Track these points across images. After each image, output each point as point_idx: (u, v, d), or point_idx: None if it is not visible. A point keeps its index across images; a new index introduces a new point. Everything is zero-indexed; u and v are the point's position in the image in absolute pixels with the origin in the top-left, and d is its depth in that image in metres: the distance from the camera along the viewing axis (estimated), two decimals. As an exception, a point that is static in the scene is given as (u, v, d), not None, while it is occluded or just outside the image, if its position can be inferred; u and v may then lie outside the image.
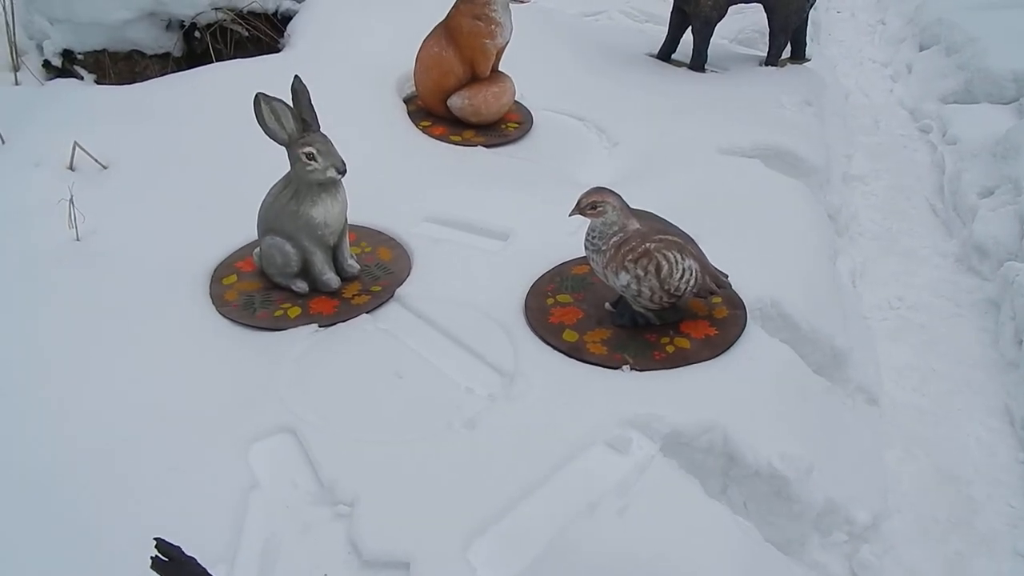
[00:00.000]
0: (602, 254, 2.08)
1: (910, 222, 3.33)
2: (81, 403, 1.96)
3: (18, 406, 1.94)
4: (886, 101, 4.31)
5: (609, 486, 1.76)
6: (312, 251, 2.27)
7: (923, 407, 2.46)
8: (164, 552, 1.19)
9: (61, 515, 1.68)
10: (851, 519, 1.95)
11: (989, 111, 3.77)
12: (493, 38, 3.04)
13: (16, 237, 2.53)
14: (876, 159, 3.75)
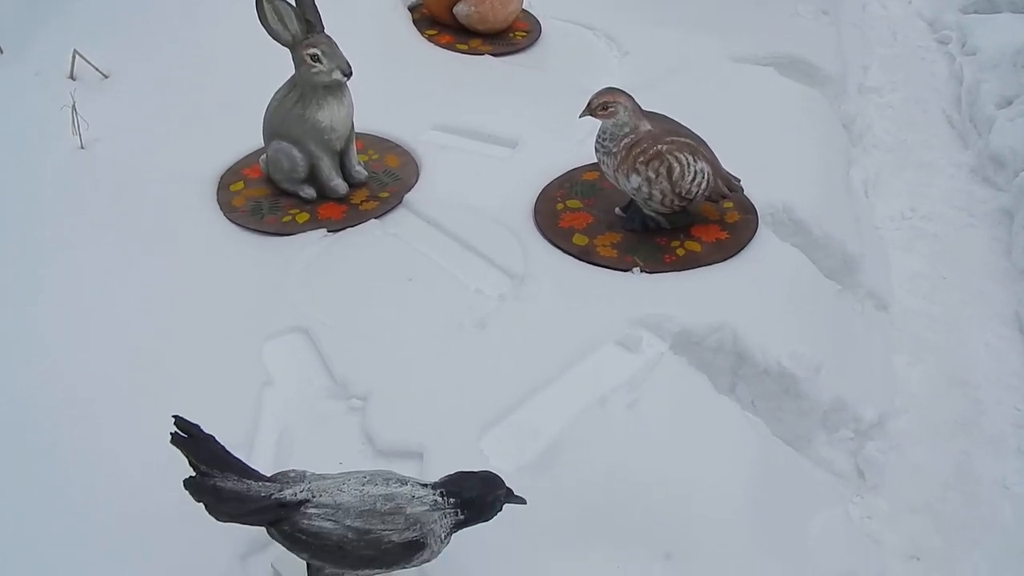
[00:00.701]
0: (613, 156, 2.06)
1: (925, 133, 3.28)
2: (98, 308, 1.97)
3: (38, 312, 1.96)
4: (904, 13, 4.20)
5: (619, 382, 1.78)
6: (319, 156, 2.25)
7: (933, 314, 2.46)
8: (183, 429, 1.22)
9: (88, 410, 1.72)
10: (858, 417, 1.98)
11: (1011, 21, 3.67)
12: (500, -60, 2.95)
13: (20, 146, 2.51)
14: (892, 70, 3.67)
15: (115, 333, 1.91)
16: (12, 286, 2.03)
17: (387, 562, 1.26)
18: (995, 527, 1.89)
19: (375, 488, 1.26)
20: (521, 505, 1.36)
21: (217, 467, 1.22)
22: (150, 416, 1.58)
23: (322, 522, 1.22)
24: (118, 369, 1.81)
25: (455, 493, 1.28)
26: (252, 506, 1.21)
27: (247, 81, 2.55)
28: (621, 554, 1.51)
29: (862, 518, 1.87)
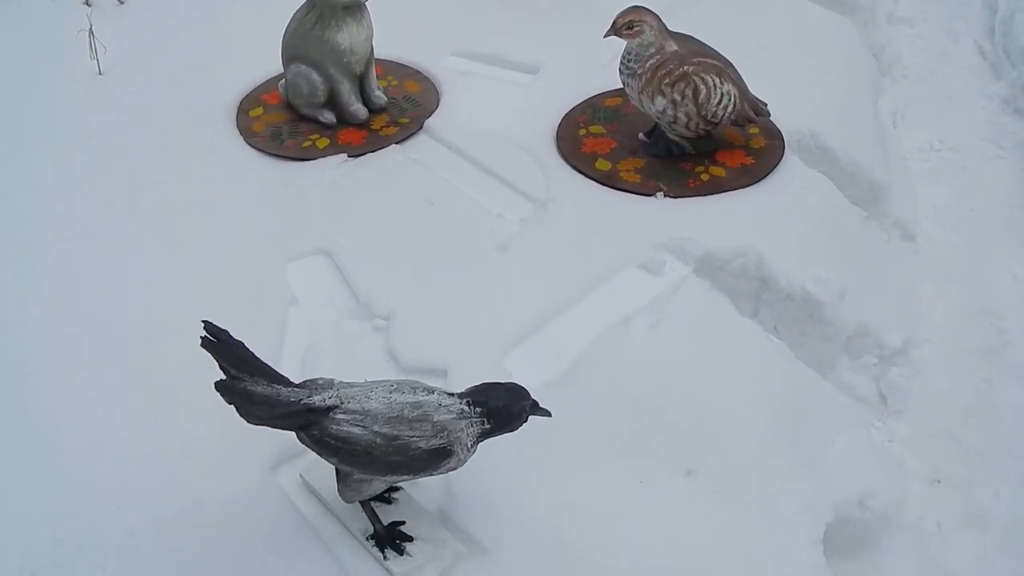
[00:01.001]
0: (638, 78, 2.02)
1: (956, 64, 3.19)
2: (122, 229, 1.99)
3: (64, 233, 1.98)
4: (938, -60, 4.05)
5: (642, 303, 1.78)
6: (338, 80, 2.22)
7: (959, 245, 2.43)
8: (212, 333, 1.23)
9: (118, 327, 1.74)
10: (882, 343, 1.98)
11: (1050, -53, 3.53)
12: None
13: (37, 73, 2.51)
14: (924, 1, 3.55)
15: (140, 254, 1.92)
16: (39, 207, 2.05)
17: (414, 469, 1.28)
18: (1016, 454, 1.90)
19: (403, 396, 1.27)
20: (546, 418, 1.37)
21: (247, 371, 1.23)
22: (178, 332, 1.61)
23: (351, 428, 1.23)
24: (144, 288, 1.83)
25: (481, 403, 1.29)
26: (282, 410, 1.23)
27: (265, 3, 2.52)
28: (644, 469, 1.52)
29: (884, 442, 1.87)
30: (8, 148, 2.25)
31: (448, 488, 1.44)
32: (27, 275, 1.88)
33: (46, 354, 1.70)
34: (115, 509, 1.42)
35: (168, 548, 1.36)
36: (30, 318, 1.77)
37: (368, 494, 1.33)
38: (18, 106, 2.40)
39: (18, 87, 2.47)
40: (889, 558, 1.66)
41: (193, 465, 1.48)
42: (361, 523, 1.37)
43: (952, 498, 1.81)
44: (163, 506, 1.42)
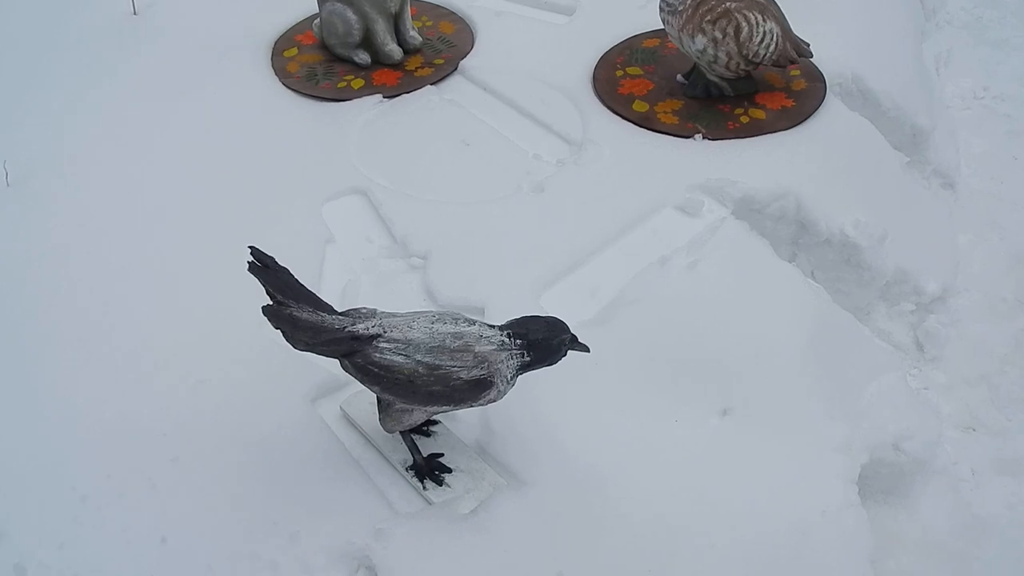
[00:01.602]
0: (678, 15, 1.97)
1: (1002, 10, 3.08)
2: (161, 168, 1.99)
3: (106, 172, 1.99)
4: None
5: (680, 244, 1.76)
6: (374, 19, 2.19)
7: (1001, 194, 2.38)
8: (259, 259, 1.23)
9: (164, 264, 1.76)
10: (920, 290, 1.95)
11: None
12: None
13: (72, 11, 2.50)
14: (972, -56, 3.42)
15: (179, 191, 1.93)
16: (81, 144, 2.06)
17: (455, 399, 1.28)
18: (1053, 402, 1.88)
19: (444, 326, 1.27)
20: (583, 354, 1.36)
21: (293, 298, 1.23)
22: (221, 264, 1.62)
23: (393, 356, 1.24)
24: (185, 223, 1.84)
25: (522, 335, 1.28)
26: (327, 336, 1.23)
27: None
28: (679, 408, 1.52)
29: (920, 388, 1.86)
30: (48, 85, 2.25)
31: (486, 422, 1.44)
32: (73, 204, 1.89)
33: (92, 282, 1.71)
34: (160, 436, 1.45)
35: (211, 475, 1.39)
36: (80, 247, 1.79)
37: (409, 424, 1.34)
38: (57, 44, 2.39)
39: (55, 28, 2.46)
40: (922, 501, 1.66)
41: (236, 396, 1.50)
42: (400, 454, 1.39)
43: (987, 445, 1.80)
44: (206, 436, 1.44)
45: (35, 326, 1.64)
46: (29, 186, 1.94)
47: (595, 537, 1.35)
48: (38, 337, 1.62)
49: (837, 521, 1.43)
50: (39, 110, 2.17)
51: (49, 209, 1.87)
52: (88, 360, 1.57)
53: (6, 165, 1.94)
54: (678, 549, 1.35)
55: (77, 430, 1.45)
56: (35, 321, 1.65)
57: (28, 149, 2.03)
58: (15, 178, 1.94)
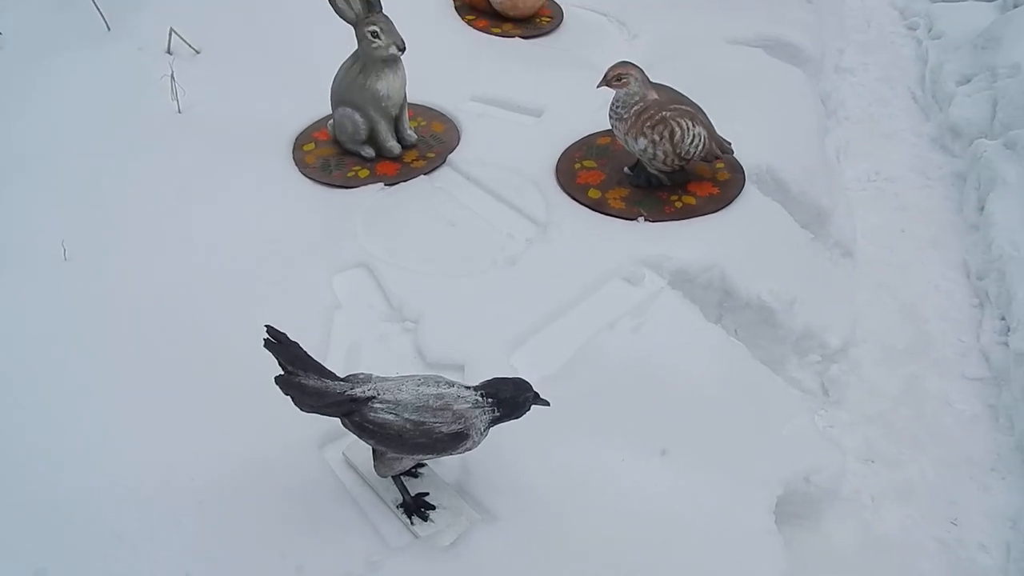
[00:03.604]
0: (624, 121, 2.03)
1: (891, 108, 3.18)
2: (199, 246, 1.99)
3: (151, 250, 1.99)
4: (878, 3, 4.02)
5: (626, 309, 1.78)
6: (377, 120, 2.24)
7: (891, 260, 2.43)
8: (273, 336, 1.25)
9: (193, 324, 1.76)
10: (824, 344, 1.97)
11: (974, 8, 3.52)
12: (530, -64, 2.86)
13: (127, 110, 2.52)
14: (866, 53, 3.54)
15: (210, 264, 1.93)
16: (129, 217, 2.07)
17: (437, 449, 1.29)
18: (939, 437, 1.90)
19: (428, 388, 1.28)
20: (545, 407, 1.38)
21: (301, 368, 1.25)
22: (241, 331, 1.62)
23: (385, 415, 1.25)
24: (215, 292, 1.85)
25: (492, 394, 1.30)
26: (330, 400, 1.24)
27: (317, 55, 2.52)
28: (625, 450, 1.53)
29: (826, 427, 1.88)
30: (104, 172, 2.26)
31: (464, 465, 1.45)
32: (122, 278, 1.89)
33: (136, 343, 1.71)
34: (189, 481, 1.44)
35: (231, 515, 1.38)
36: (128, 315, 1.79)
37: (399, 470, 1.34)
38: (113, 136, 2.41)
39: (111, 122, 2.48)
40: (830, 525, 1.67)
41: (254, 444, 1.50)
42: (393, 494, 1.39)
43: (884, 475, 1.81)
44: (228, 480, 1.43)
45: (85, 381, 1.64)
46: (83, 262, 1.93)
47: (559, 563, 1.35)
48: (86, 389, 1.61)
49: (758, 544, 1.44)
50: (94, 194, 2.17)
51: (100, 284, 1.87)
52: (130, 412, 1.56)
53: (64, 243, 1.94)
54: (626, 569, 1.35)
55: (116, 476, 1.44)
56: (86, 376, 1.65)
57: (84, 228, 2.03)
58: (72, 254, 1.95)
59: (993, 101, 2.80)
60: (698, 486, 1.49)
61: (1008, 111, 2.70)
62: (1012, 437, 1.88)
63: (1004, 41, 3.01)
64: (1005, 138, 2.61)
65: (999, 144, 2.61)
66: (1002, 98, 2.76)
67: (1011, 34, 3.01)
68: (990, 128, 2.74)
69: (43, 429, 1.53)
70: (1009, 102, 2.71)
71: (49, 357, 1.68)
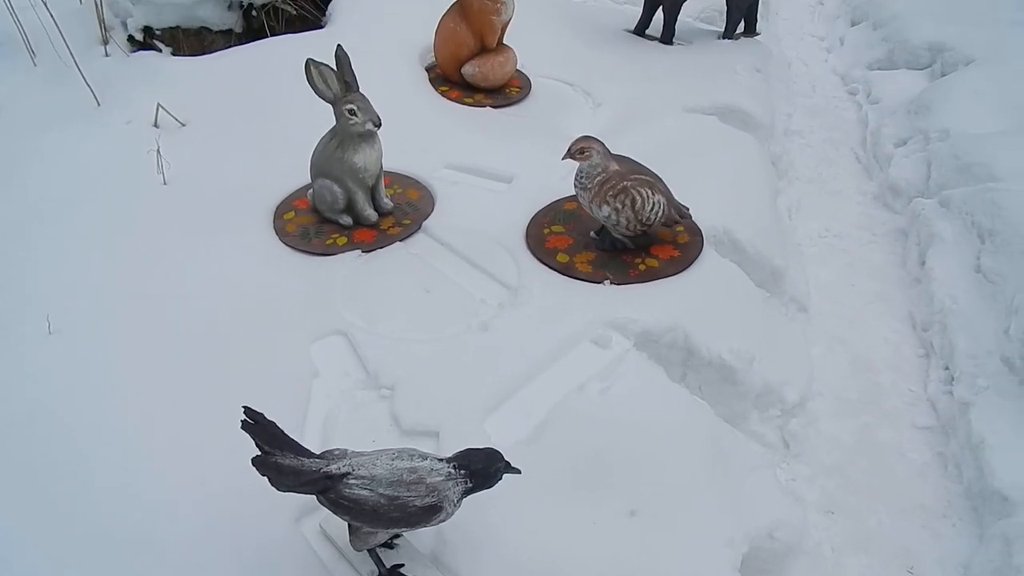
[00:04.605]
0: (588, 191, 2.07)
1: (837, 168, 3.29)
2: (178, 311, 1.98)
3: (127, 305, 1.97)
4: (822, 69, 4.20)
5: (594, 372, 1.79)
6: (355, 191, 2.26)
7: (843, 314, 2.48)
8: (251, 417, 1.23)
9: (170, 394, 1.73)
10: (783, 399, 2.00)
11: (907, 75, 3.68)
12: (499, 14, 2.95)
13: (114, 182, 2.52)
14: (812, 116, 3.67)
15: (193, 335, 1.91)
16: (112, 291, 2.04)
17: (411, 523, 1.27)
18: (893, 486, 1.92)
19: (402, 463, 1.27)
20: (517, 475, 1.37)
21: (277, 447, 1.23)
22: (221, 402, 1.60)
23: (360, 491, 1.23)
24: (195, 361, 1.82)
25: (464, 466, 1.29)
26: (305, 479, 1.22)
27: (297, 128, 2.55)
28: (595, 512, 1.52)
29: (787, 480, 1.89)
30: (89, 245, 2.25)
31: (440, 534, 1.43)
32: (106, 351, 1.86)
33: (120, 416, 1.67)
34: (163, 554, 1.40)
35: (211, 588, 1.34)
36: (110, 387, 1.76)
37: (374, 543, 1.32)
38: (98, 210, 2.40)
39: (99, 195, 2.47)
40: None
41: (235, 515, 1.46)
42: (369, 566, 1.36)
43: (843, 525, 1.82)
44: (203, 551, 1.40)
45: (71, 452, 1.60)
46: (68, 336, 1.90)
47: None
48: (73, 463, 1.57)
49: (725, 603, 1.43)
50: (81, 267, 2.15)
51: (84, 358, 1.84)
52: (110, 481, 1.52)
53: (49, 317, 1.91)
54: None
55: (84, 550, 1.40)
56: (71, 448, 1.60)
57: (69, 301, 2.01)
58: (57, 327, 1.92)
59: (927, 162, 2.91)
60: (666, 546, 1.48)
61: (941, 172, 2.81)
62: (961, 484, 1.91)
63: (933, 107, 3.15)
64: (940, 197, 2.71)
65: (935, 203, 2.71)
66: (935, 160, 2.88)
67: (939, 101, 3.16)
68: (926, 187, 2.84)
69: (11, 497, 1.48)
70: (941, 164, 2.83)
71: (28, 433, 1.64)
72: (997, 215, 2.43)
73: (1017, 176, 2.56)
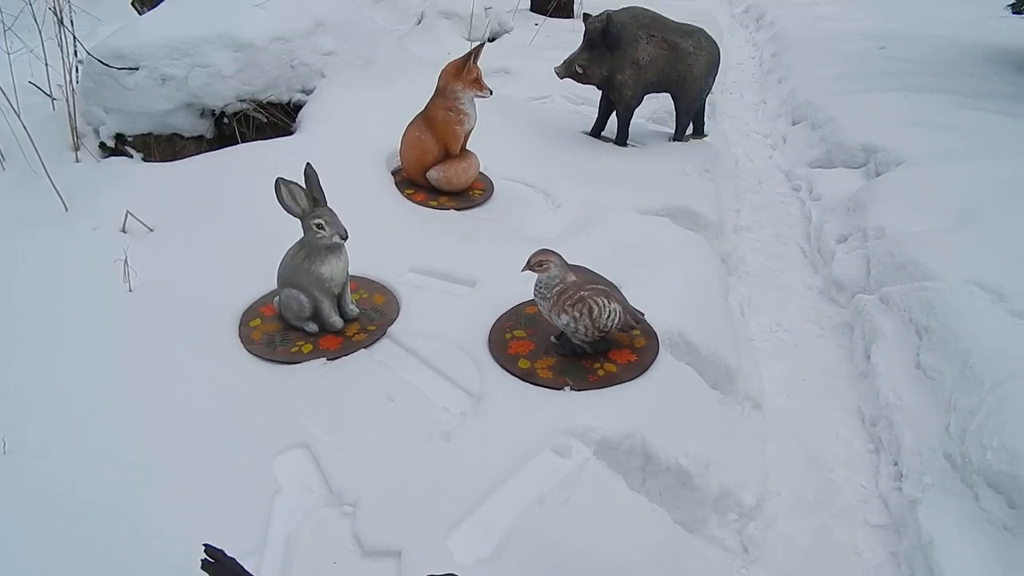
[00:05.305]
0: (547, 300, 2.17)
1: (785, 262, 3.47)
2: (134, 421, 1.98)
3: (92, 426, 1.96)
4: (767, 166, 4.48)
5: (555, 483, 1.83)
6: (321, 300, 2.32)
7: (796, 409, 2.57)
8: (211, 555, 1.24)
9: (128, 514, 1.71)
10: (740, 502, 2.05)
11: (844, 174, 3.95)
12: (462, 124, 3.13)
13: (79, 289, 2.53)
14: (759, 212, 3.89)
15: (155, 449, 1.91)
16: (72, 405, 2.03)
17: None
18: (849, 586, 1.96)
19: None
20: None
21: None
22: (181, 523, 1.59)
23: (319, 628, 1.24)
24: (156, 479, 1.81)
25: (425, 596, 1.31)
26: (263, 619, 1.23)
27: (265, 234, 2.63)
28: (558, 631, 1.53)
29: (747, 585, 1.92)
30: (51, 356, 2.24)
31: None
32: (63, 470, 1.84)
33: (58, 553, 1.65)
34: None
35: None
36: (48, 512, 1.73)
37: None
38: (62, 319, 2.40)
39: (63, 303, 2.48)
40: None
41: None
42: None
43: (803, 631, 1.85)
44: None
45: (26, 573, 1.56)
46: (24, 456, 1.88)
47: None
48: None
49: None
50: (41, 381, 2.14)
51: (39, 479, 1.81)
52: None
53: (4, 437, 1.89)
54: None
55: None
56: (26, 571, 1.57)
57: (24, 418, 1.99)
58: (12, 447, 1.90)
59: (867, 259, 3.11)
60: (628, 666, 1.49)
61: (879, 269, 3.00)
62: (914, 584, 1.96)
63: (869, 206, 3.39)
64: (880, 293, 2.88)
65: (876, 299, 2.88)
66: (873, 257, 3.07)
67: (874, 200, 3.40)
68: (867, 283, 3.02)
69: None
70: (879, 261, 3.02)
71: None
72: (931, 313, 2.60)
73: (948, 275, 2.74)
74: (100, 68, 3.16)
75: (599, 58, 3.72)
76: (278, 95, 3.38)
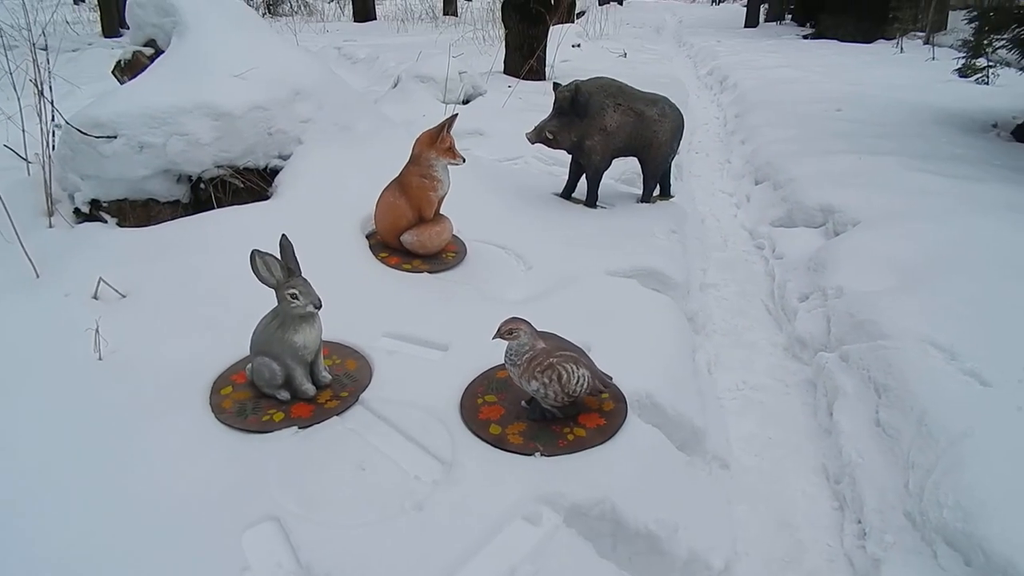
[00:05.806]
0: (517, 367, 2.23)
1: (750, 320, 3.57)
2: (101, 494, 1.96)
3: (47, 499, 1.93)
4: (732, 224, 4.65)
5: (526, 553, 1.85)
6: (293, 367, 2.35)
7: (763, 468, 2.62)
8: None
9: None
10: (709, 565, 2.07)
11: (804, 233, 4.12)
12: (435, 191, 3.23)
13: (47, 358, 2.53)
14: (725, 270, 4.02)
15: (120, 524, 1.89)
16: (37, 476, 2.01)
17: None
18: (817, 651, 1.98)
19: None
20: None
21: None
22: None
23: None
24: (122, 556, 1.79)
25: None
26: None
27: (238, 300, 2.66)
28: None
29: (717, 653, 1.93)
30: (17, 426, 2.23)
31: None
32: (14, 542, 1.81)
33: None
34: None
35: None
36: None
37: None
38: (29, 388, 2.39)
39: (31, 371, 2.47)
40: None
41: None
42: None
43: None
44: None
45: None
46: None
47: None
48: None
49: None
50: (7, 450, 2.12)
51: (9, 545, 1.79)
52: None
53: (-33, 515, 1.87)
54: None
55: None
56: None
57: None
58: (-26, 525, 1.87)
59: (827, 318, 3.23)
60: None
61: (839, 327, 3.12)
62: (881, 647, 1.99)
63: (828, 265, 3.54)
64: (840, 351, 2.99)
65: (836, 357, 2.98)
66: (833, 315, 3.20)
67: (833, 260, 3.55)
68: (828, 342, 3.13)
69: None
70: (838, 320, 3.14)
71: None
72: (889, 372, 2.70)
73: (903, 334, 2.87)
74: (78, 136, 3.22)
75: (569, 125, 3.88)
76: (255, 161, 3.46)
